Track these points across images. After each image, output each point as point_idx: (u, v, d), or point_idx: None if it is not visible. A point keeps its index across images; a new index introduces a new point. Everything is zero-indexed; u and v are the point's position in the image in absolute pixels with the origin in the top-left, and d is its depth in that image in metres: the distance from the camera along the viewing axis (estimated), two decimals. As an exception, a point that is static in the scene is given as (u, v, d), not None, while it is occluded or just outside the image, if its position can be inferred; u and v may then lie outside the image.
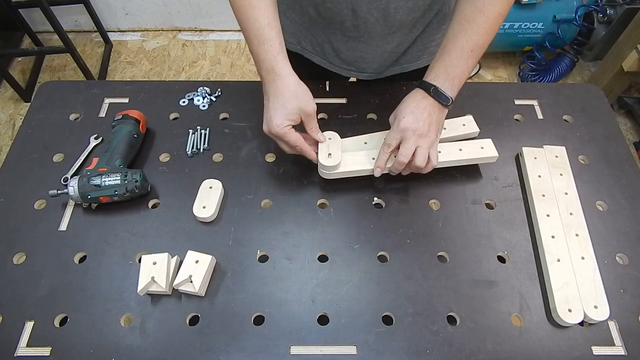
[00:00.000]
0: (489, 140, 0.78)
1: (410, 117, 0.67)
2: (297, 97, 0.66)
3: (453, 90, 0.68)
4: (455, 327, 0.64)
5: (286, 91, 0.66)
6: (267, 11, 0.65)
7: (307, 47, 0.89)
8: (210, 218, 0.73)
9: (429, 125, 0.68)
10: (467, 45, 0.66)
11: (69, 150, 0.82)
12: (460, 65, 0.67)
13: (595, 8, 1.95)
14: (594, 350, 0.62)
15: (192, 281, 0.65)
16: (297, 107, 0.66)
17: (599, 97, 0.91)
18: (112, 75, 2.24)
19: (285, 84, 0.66)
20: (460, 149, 0.76)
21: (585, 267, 0.67)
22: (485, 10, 0.65)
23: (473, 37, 0.66)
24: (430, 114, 0.68)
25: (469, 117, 0.83)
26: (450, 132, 0.81)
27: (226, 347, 0.62)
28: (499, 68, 2.24)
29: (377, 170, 0.72)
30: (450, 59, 0.68)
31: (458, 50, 0.67)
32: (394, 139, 0.69)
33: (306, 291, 0.67)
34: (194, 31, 2.42)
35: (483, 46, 0.67)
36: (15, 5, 2.02)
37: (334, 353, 0.62)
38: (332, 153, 0.73)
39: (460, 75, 0.68)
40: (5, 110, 2.09)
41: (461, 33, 0.67)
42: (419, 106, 0.68)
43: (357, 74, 0.90)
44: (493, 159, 0.78)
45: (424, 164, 0.69)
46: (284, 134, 0.67)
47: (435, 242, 0.71)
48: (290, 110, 0.66)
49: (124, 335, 0.63)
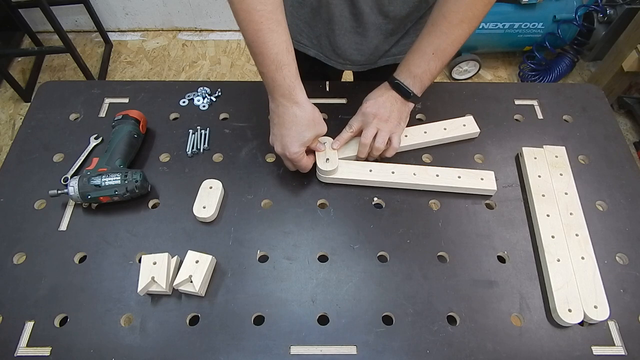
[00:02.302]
0: (470, 117, 0.84)
1: (371, 103, 0.75)
2: (314, 125, 0.70)
3: (415, 87, 0.74)
4: (455, 327, 0.64)
5: (304, 120, 0.68)
6: (285, 35, 0.66)
7: (302, 41, 0.90)
8: (210, 218, 0.73)
9: (389, 112, 0.74)
10: (429, 48, 0.71)
11: (69, 150, 0.82)
12: (422, 65, 0.72)
13: (595, 8, 1.95)
14: (594, 350, 0.62)
15: (192, 281, 0.65)
16: (314, 135, 0.70)
17: (599, 97, 0.91)
18: (112, 75, 2.24)
19: (304, 112, 0.68)
20: (459, 177, 0.76)
21: (585, 267, 0.67)
22: (448, 17, 0.68)
23: (435, 40, 0.70)
24: (392, 103, 0.75)
25: (469, 117, 0.84)
26: (451, 132, 0.82)
27: (226, 347, 0.62)
28: (499, 68, 2.24)
29: (336, 144, 0.76)
30: (414, 58, 0.73)
31: (421, 51, 0.72)
32: (355, 121, 0.76)
33: (306, 291, 0.67)
34: (194, 31, 2.42)
35: (445, 50, 0.71)
36: (15, 5, 2.02)
37: (334, 353, 0.62)
38: (329, 158, 0.75)
39: (422, 74, 0.73)
40: (5, 110, 2.09)
41: (426, 36, 0.71)
42: (382, 95, 0.75)
43: (351, 67, 0.92)
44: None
45: (383, 146, 0.74)
46: (298, 160, 0.71)
47: (435, 242, 0.71)
48: (308, 139, 0.70)
49: (124, 335, 0.63)
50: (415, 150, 0.82)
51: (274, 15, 0.63)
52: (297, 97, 0.67)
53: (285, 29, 0.66)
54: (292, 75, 0.67)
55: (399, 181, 0.75)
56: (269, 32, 0.63)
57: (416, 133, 0.82)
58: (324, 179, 0.76)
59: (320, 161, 0.75)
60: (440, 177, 0.76)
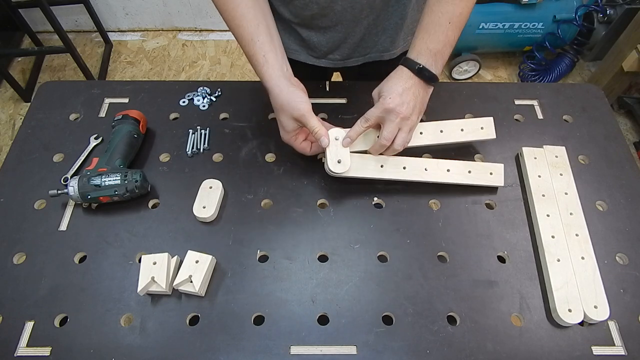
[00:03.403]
0: (490, 119, 0.79)
1: (396, 99, 0.66)
2: (284, 108, 0.68)
3: (437, 67, 0.67)
4: (455, 327, 0.64)
5: (277, 105, 0.69)
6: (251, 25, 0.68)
7: (291, 47, 0.89)
8: (210, 218, 0.73)
9: (412, 107, 0.67)
10: (444, 17, 0.65)
11: (69, 150, 0.82)
12: (440, 39, 0.66)
13: (595, 8, 1.95)
14: (594, 350, 0.62)
15: (192, 281, 0.65)
16: (289, 117, 0.68)
17: (599, 97, 0.91)
18: (112, 75, 2.24)
19: (275, 97, 0.68)
20: (469, 171, 0.75)
21: (585, 267, 0.67)
22: None
23: (449, 7, 0.64)
24: (415, 95, 0.67)
25: (489, 119, 0.79)
26: (468, 135, 0.78)
27: (226, 347, 0.62)
28: (499, 68, 2.24)
29: (347, 141, 0.70)
30: (429, 34, 0.66)
31: (435, 23, 0.65)
32: (374, 115, 0.68)
33: (306, 291, 0.67)
34: (194, 31, 2.42)
35: (461, 15, 0.65)
36: (15, 5, 2.02)
37: (334, 353, 0.62)
38: (341, 159, 0.70)
39: (442, 49, 0.66)
40: (5, 110, 2.09)
41: (436, 5, 0.65)
42: (405, 86, 0.67)
43: (334, 63, 0.90)
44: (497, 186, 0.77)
45: (402, 148, 0.70)
46: (291, 144, 0.71)
47: (435, 242, 0.71)
48: (286, 123, 0.69)
49: (124, 335, 0.63)
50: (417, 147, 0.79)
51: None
52: (268, 83, 0.68)
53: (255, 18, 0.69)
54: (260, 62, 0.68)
55: (410, 178, 0.74)
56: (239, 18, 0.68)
57: (431, 131, 0.77)
58: (333, 174, 0.73)
59: (332, 162, 0.70)
60: (451, 173, 0.75)
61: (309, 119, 0.68)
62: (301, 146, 0.73)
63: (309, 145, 0.74)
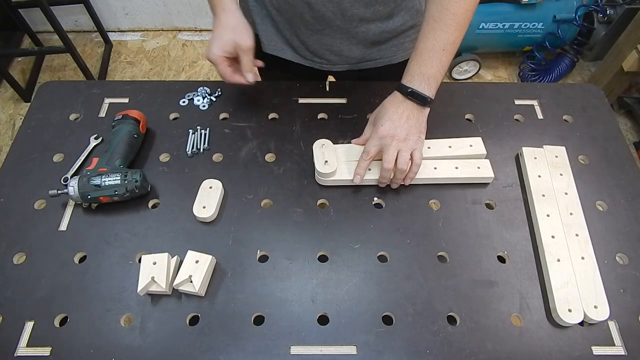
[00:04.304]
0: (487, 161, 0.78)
1: (388, 125, 0.69)
2: (235, 31, 0.73)
3: (430, 90, 0.70)
4: (455, 327, 0.64)
5: (226, 24, 0.74)
6: None
7: (277, 45, 0.90)
8: (210, 218, 0.73)
9: (408, 129, 0.70)
10: (438, 45, 0.67)
11: (69, 150, 0.82)
12: (434, 64, 0.68)
13: (595, 8, 1.95)
14: (594, 350, 0.62)
15: (192, 281, 0.65)
16: (232, 40, 0.73)
17: (599, 97, 0.91)
18: (112, 75, 2.24)
19: (227, 17, 0.74)
20: (456, 167, 0.76)
21: (585, 267, 0.67)
22: (451, 8, 0.66)
23: (442, 35, 0.67)
24: (408, 117, 0.70)
25: (477, 139, 0.80)
26: (456, 151, 0.79)
27: (226, 347, 0.62)
28: (499, 68, 2.24)
29: (357, 178, 0.73)
30: (423, 59, 0.69)
31: (429, 50, 0.68)
32: (373, 146, 0.71)
33: (306, 291, 0.67)
34: (194, 31, 2.42)
35: (454, 43, 0.68)
36: (15, 5, 2.03)
37: (334, 353, 0.62)
38: (328, 160, 0.74)
39: (436, 74, 0.69)
40: (5, 110, 2.09)
41: (431, 33, 0.68)
42: (397, 111, 0.70)
43: (329, 67, 0.91)
44: (489, 179, 0.77)
45: (407, 166, 0.70)
46: (216, 62, 0.74)
47: (435, 242, 0.71)
48: (226, 42, 0.73)
49: (124, 335, 0.63)
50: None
51: None
52: (225, 5, 0.74)
53: None
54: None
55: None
56: None
57: (439, 147, 0.78)
58: (322, 182, 0.76)
59: (319, 163, 0.74)
60: (438, 170, 0.76)
61: (247, 55, 0.75)
62: (224, 69, 0.75)
63: (230, 72, 0.76)
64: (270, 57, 0.89)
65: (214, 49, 0.73)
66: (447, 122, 0.86)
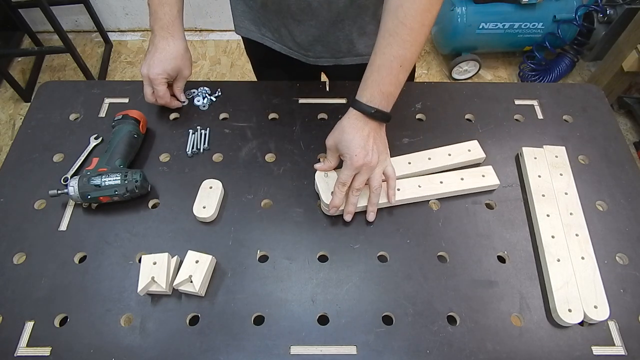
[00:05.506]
0: (490, 168, 0.77)
1: (361, 153, 0.66)
2: (182, 60, 0.81)
3: (389, 107, 0.68)
4: (455, 327, 0.64)
5: (174, 52, 0.79)
6: None
7: (266, 34, 0.91)
8: (210, 218, 0.73)
9: (378, 152, 0.68)
10: (396, 62, 0.65)
11: (69, 150, 0.82)
12: (393, 82, 0.66)
13: (595, 8, 1.95)
14: (594, 350, 0.62)
15: (192, 281, 0.65)
16: (177, 67, 0.80)
17: (599, 97, 0.91)
18: (112, 75, 2.24)
19: (176, 45, 0.79)
20: (462, 178, 0.76)
21: (585, 267, 0.67)
22: (407, 22, 0.62)
23: (400, 51, 0.64)
24: (375, 138, 0.68)
25: (474, 142, 0.80)
26: (455, 158, 0.78)
27: (226, 347, 0.62)
28: (499, 68, 2.24)
29: (333, 210, 0.71)
30: (381, 76, 0.66)
31: (387, 67, 0.65)
32: (349, 177, 0.68)
33: (306, 291, 0.67)
34: (194, 31, 2.42)
35: (411, 59, 0.66)
36: (15, 5, 2.03)
37: (334, 353, 0.62)
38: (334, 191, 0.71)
39: (394, 91, 0.67)
40: (5, 110, 2.09)
41: (387, 48, 0.65)
42: (363, 135, 0.67)
43: (315, 60, 0.91)
44: (495, 186, 0.77)
45: (379, 183, 0.70)
46: (157, 82, 0.79)
47: (435, 242, 0.71)
48: (173, 67, 0.79)
49: (124, 335, 0.63)
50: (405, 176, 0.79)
51: None
52: (175, 33, 0.79)
53: None
54: (173, 14, 0.78)
55: (406, 197, 0.74)
56: None
57: (419, 159, 0.78)
58: (330, 213, 0.72)
59: (326, 196, 0.71)
60: (444, 184, 0.75)
61: (184, 81, 0.85)
62: (161, 88, 0.80)
63: (164, 90, 0.81)
64: (267, 56, 0.89)
65: (159, 69, 0.78)
66: (447, 122, 0.86)
